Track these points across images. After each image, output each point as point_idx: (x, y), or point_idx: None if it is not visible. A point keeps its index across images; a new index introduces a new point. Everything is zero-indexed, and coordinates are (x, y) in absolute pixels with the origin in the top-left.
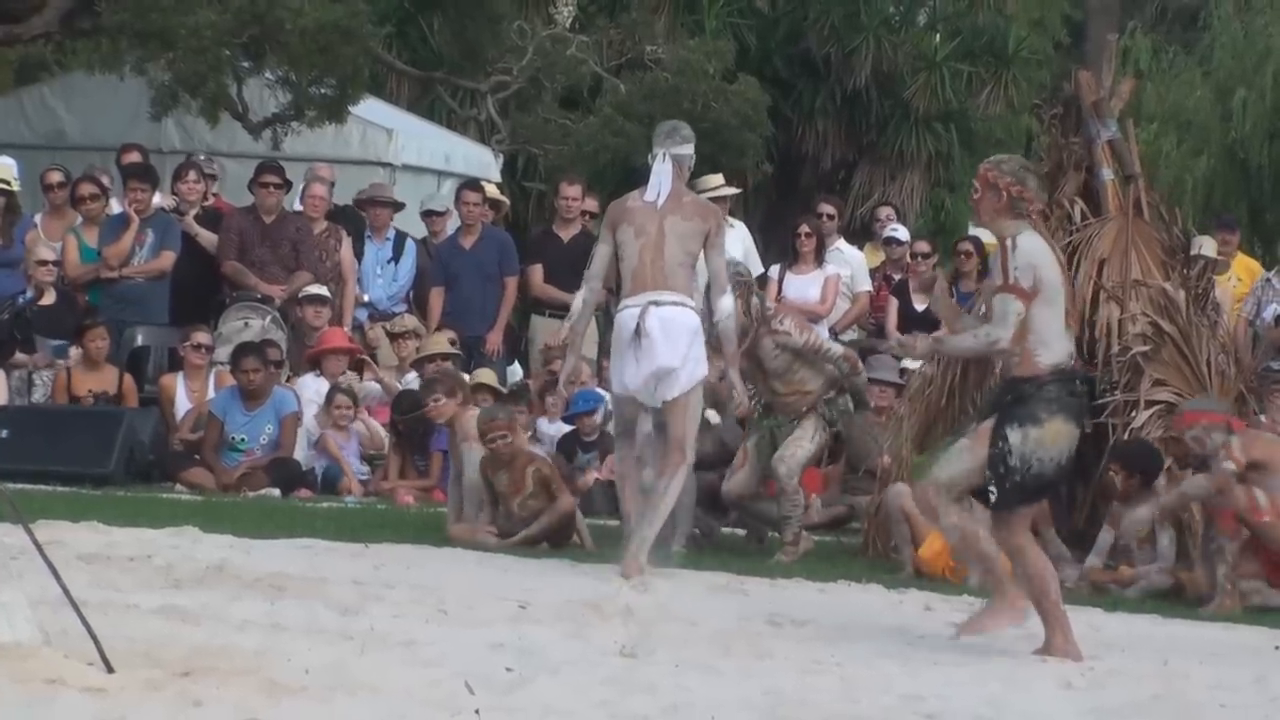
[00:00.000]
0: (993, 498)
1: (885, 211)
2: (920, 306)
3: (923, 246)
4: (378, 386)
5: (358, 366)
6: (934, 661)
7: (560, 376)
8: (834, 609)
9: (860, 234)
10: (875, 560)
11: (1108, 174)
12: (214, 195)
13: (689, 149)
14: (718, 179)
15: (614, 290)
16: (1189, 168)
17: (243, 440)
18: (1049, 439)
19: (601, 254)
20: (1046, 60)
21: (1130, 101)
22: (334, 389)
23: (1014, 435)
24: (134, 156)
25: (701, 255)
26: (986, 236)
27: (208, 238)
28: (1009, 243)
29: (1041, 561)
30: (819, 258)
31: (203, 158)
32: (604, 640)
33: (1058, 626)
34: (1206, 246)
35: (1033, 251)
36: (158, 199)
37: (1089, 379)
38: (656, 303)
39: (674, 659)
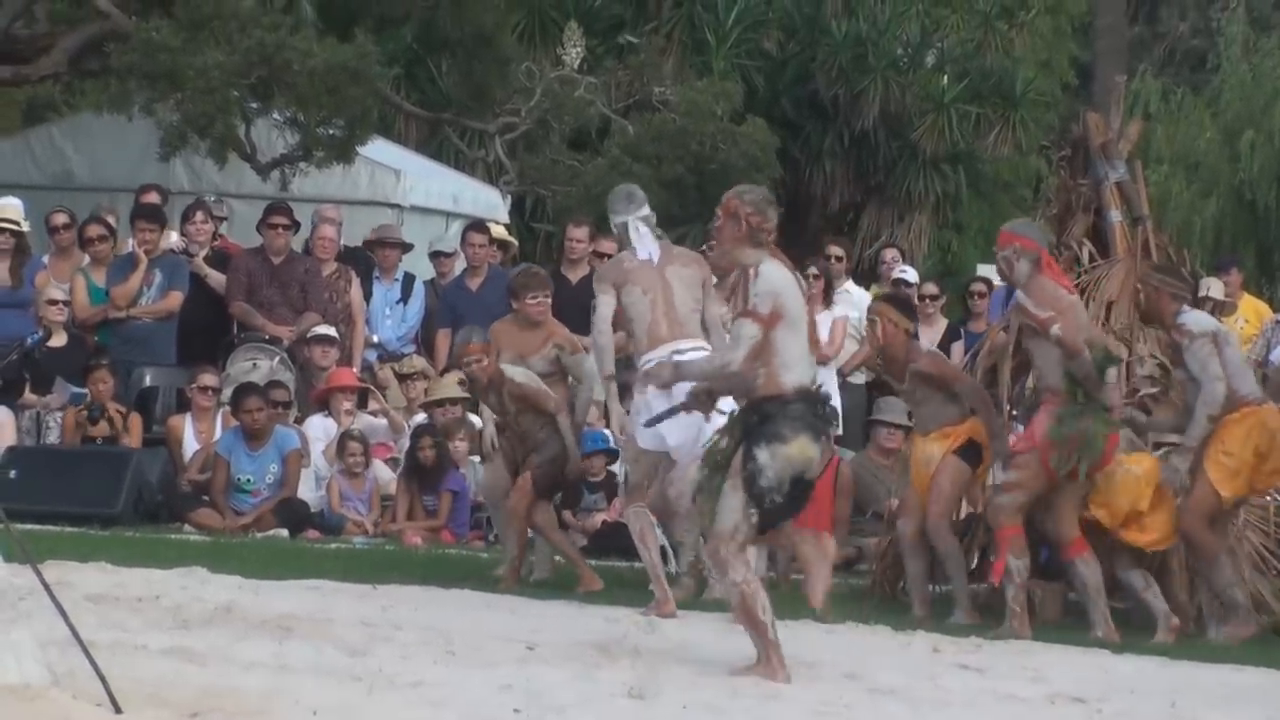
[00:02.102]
0: (754, 519)
1: (892, 253)
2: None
3: (931, 288)
4: (383, 422)
5: (361, 398)
6: (942, 703)
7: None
8: (842, 650)
9: (868, 275)
10: (883, 602)
11: (1116, 216)
12: (221, 236)
13: (647, 209)
14: None
15: None
16: (1197, 209)
17: (249, 481)
18: (796, 455)
19: (608, 305)
20: (1055, 102)
21: (1138, 143)
22: (346, 435)
23: (762, 454)
24: (152, 197)
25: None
26: (992, 275)
27: (217, 278)
28: (751, 271)
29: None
30: (827, 299)
31: (212, 199)
32: (612, 681)
33: (767, 646)
34: (1215, 288)
35: (774, 279)
36: (174, 239)
37: (831, 404)
38: (678, 352)
39: (682, 700)
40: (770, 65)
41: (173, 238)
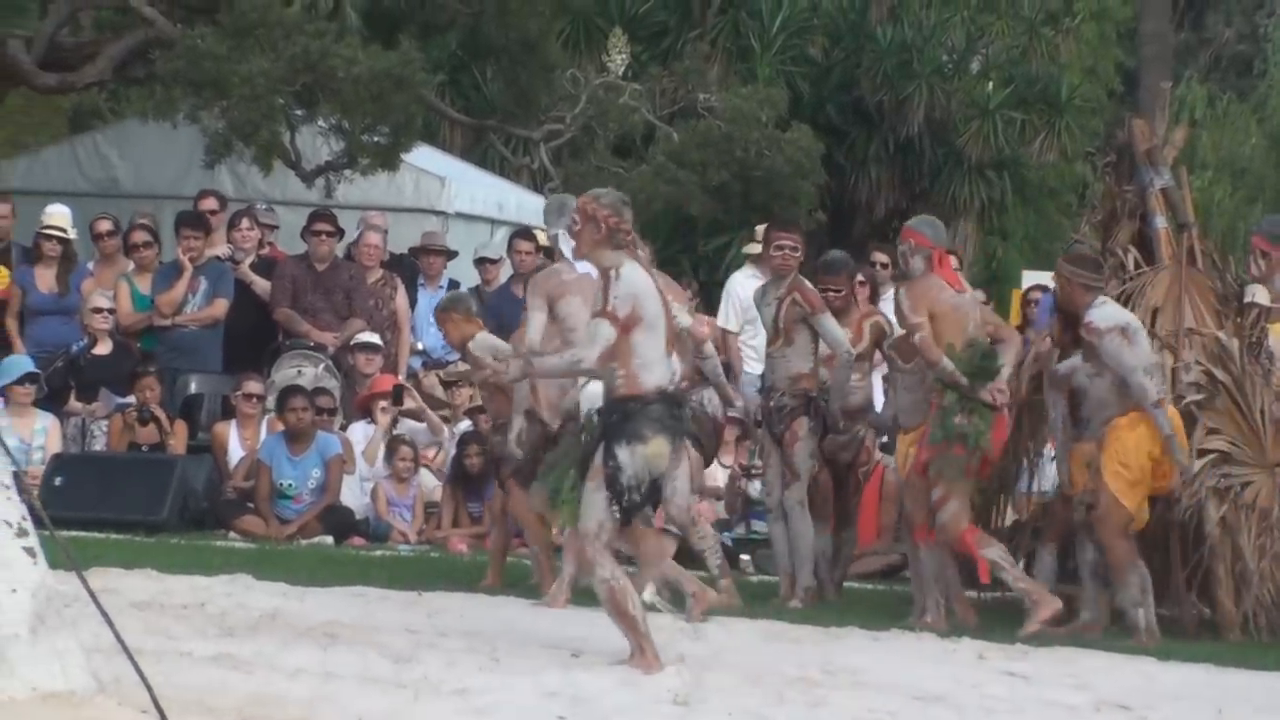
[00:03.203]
0: (617, 515)
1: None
2: None
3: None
4: (423, 427)
5: (396, 395)
6: (988, 710)
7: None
8: (887, 657)
9: None
10: None
11: (1161, 222)
12: (270, 244)
13: None
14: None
15: None
16: (1243, 215)
17: (291, 486)
18: (653, 454)
19: (539, 323)
20: (1100, 108)
21: (1184, 149)
22: (396, 439)
23: (623, 453)
24: (210, 203)
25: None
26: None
27: (262, 285)
28: (612, 273)
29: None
30: (873, 305)
31: (261, 207)
32: (657, 688)
33: (639, 640)
34: (1260, 294)
35: (634, 282)
36: (225, 248)
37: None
38: None
39: (727, 707)
40: (815, 71)
41: (224, 247)
